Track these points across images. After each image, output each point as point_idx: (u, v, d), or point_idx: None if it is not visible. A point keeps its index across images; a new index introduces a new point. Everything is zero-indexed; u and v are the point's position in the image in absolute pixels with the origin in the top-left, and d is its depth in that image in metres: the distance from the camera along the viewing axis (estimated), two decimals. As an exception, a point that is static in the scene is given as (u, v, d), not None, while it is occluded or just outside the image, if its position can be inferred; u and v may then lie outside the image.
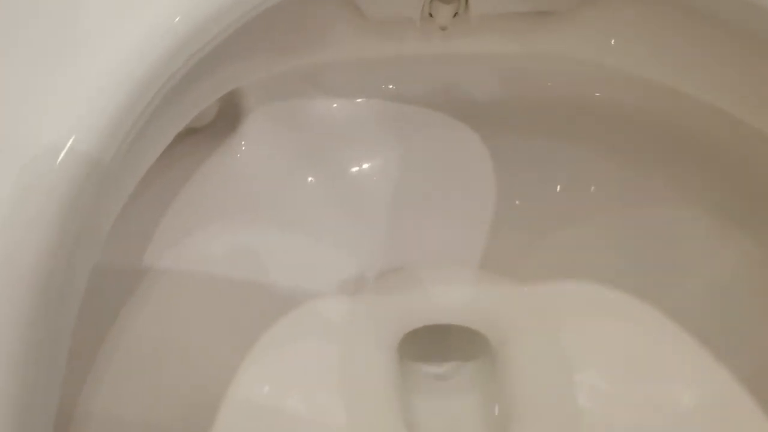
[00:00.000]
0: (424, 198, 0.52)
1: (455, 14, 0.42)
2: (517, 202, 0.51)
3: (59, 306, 0.25)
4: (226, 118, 0.48)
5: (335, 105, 0.49)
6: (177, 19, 0.27)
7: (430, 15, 0.42)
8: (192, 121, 0.45)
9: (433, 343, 0.54)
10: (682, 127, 0.44)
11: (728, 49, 0.39)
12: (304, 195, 0.51)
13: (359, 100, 0.50)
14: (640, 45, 0.42)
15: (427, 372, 0.53)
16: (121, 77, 0.25)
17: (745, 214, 0.44)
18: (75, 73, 0.25)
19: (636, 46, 0.43)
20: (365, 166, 0.52)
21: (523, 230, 0.51)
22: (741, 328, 0.45)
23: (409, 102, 0.50)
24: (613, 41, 0.43)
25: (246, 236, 0.49)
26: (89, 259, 0.27)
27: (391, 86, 0.49)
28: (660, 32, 0.41)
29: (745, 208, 0.44)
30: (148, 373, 0.43)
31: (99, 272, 0.39)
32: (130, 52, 0.26)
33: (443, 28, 0.43)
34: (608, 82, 0.45)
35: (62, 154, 0.24)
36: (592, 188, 0.48)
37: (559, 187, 0.50)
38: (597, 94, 0.46)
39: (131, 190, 0.32)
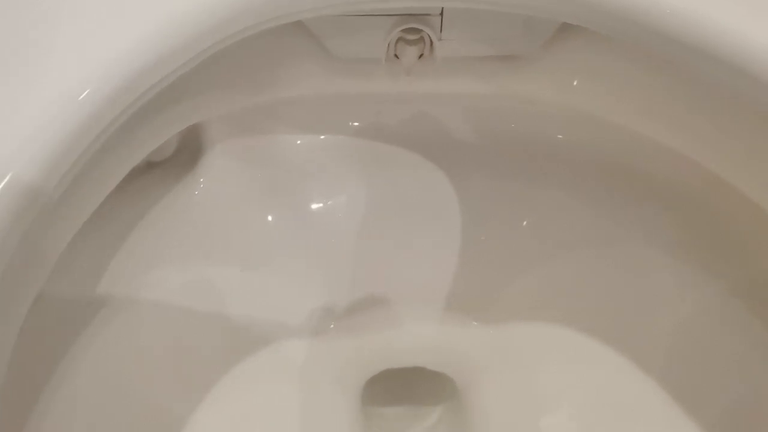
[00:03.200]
0: (389, 236, 0.53)
1: (421, 55, 0.43)
2: (483, 240, 0.52)
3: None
4: (186, 152, 0.48)
5: (299, 141, 0.50)
6: (130, 54, 0.27)
7: (396, 56, 0.43)
8: (150, 155, 0.45)
9: (398, 387, 0.54)
10: (646, 170, 0.46)
11: (687, 93, 0.41)
12: (265, 233, 0.51)
13: (323, 136, 0.50)
14: (602, 87, 0.44)
15: (392, 417, 0.53)
16: (69, 108, 0.25)
17: (708, 257, 0.46)
18: (21, 100, 0.25)
19: (598, 88, 0.45)
20: (329, 203, 0.52)
21: (490, 269, 0.52)
22: (706, 373, 0.46)
23: (374, 139, 0.51)
24: (575, 82, 0.45)
25: (204, 275, 0.49)
26: (29, 288, 0.26)
27: (356, 123, 0.50)
28: (621, 75, 0.43)
29: (708, 252, 0.46)
30: (97, 415, 0.42)
31: (51, 305, 0.39)
32: (80, 83, 0.26)
33: (409, 70, 0.45)
34: (571, 124, 0.46)
35: (2, 183, 0.23)
36: (558, 228, 0.50)
37: (525, 226, 0.51)
38: (559, 136, 0.47)
39: (82, 220, 0.32)
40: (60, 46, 0.27)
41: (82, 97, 0.25)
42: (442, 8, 0.39)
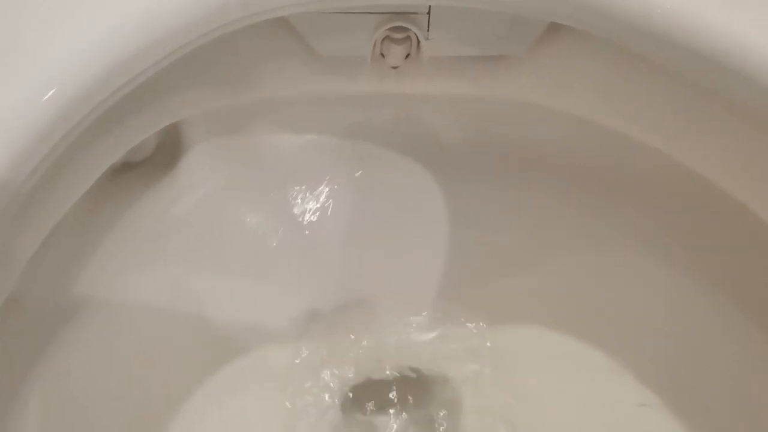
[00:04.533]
0: (376, 239, 0.52)
1: (407, 55, 0.43)
2: (472, 244, 0.52)
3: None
4: (165, 152, 0.47)
5: (282, 141, 0.50)
6: (101, 48, 0.26)
7: (382, 55, 0.43)
8: (129, 155, 0.44)
9: (386, 393, 0.53)
10: (635, 174, 0.47)
11: (675, 96, 0.41)
12: (247, 235, 0.50)
13: (308, 136, 0.50)
14: (590, 89, 0.44)
15: (379, 423, 0.52)
16: (39, 102, 0.24)
17: (700, 261, 0.46)
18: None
19: (585, 90, 0.45)
20: (313, 205, 0.51)
21: (480, 273, 0.52)
22: (698, 377, 0.46)
23: (360, 140, 0.51)
24: (563, 84, 0.45)
25: (185, 278, 0.48)
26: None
27: (341, 123, 0.50)
28: (609, 77, 0.43)
29: (700, 256, 0.46)
30: (74, 419, 0.41)
31: (27, 307, 0.38)
32: (51, 77, 0.25)
33: (395, 68, 0.44)
34: (559, 127, 0.47)
35: None
36: (548, 233, 0.50)
37: (515, 230, 0.51)
38: (547, 138, 0.47)
39: (55, 219, 0.31)
40: (26, 37, 0.26)
41: (50, 94, 0.25)
42: (430, 7, 0.39)
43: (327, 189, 0.52)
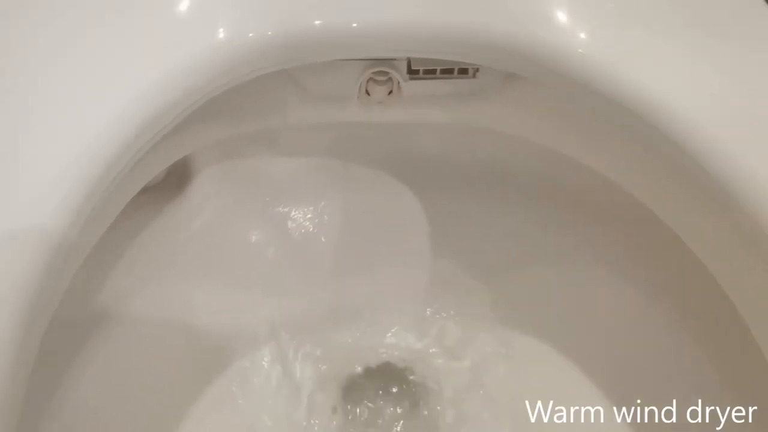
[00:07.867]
0: (367, 253, 0.57)
1: (390, 92, 0.48)
2: (447, 257, 0.57)
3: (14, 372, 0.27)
4: (175, 177, 0.52)
5: (280, 164, 0.55)
6: (140, 106, 0.31)
7: (368, 92, 0.48)
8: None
9: (375, 395, 0.57)
10: (592, 196, 0.52)
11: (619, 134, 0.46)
12: (249, 253, 0.55)
13: (303, 159, 0.55)
14: (549, 120, 0.50)
15: (369, 423, 0.57)
16: (91, 160, 0.29)
17: (651, 276, 0.51)
18: (46, 158, 0.29)
19: (550, 121, 0.50)
20: (308, 222, 0.57)
21: (457, 282, 0.57)
22: (653, 396, 0.49)
23: (349, 161, 0.56)
24: (529, 119, 0.50)
25: (192, 291, 0.53)
26: (42, 326, 0.30)
27: (333, 147, 0.55)
28: (563, 109, 0.48)
29: (651, 271, 0.51)
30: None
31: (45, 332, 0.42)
32: (97, 136, 0.30)
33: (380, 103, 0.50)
34: (526, 153, 0.52)
35: (33, 237, 0.27)
36: (513, 247, 0.55)
37: (490, 245, 0.57)
38: (517, 163, 0.53)
39: (85, 254, 0.36)
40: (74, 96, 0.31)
41: (103, 152, 0.29)
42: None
43: (320, 207, 0.57)
